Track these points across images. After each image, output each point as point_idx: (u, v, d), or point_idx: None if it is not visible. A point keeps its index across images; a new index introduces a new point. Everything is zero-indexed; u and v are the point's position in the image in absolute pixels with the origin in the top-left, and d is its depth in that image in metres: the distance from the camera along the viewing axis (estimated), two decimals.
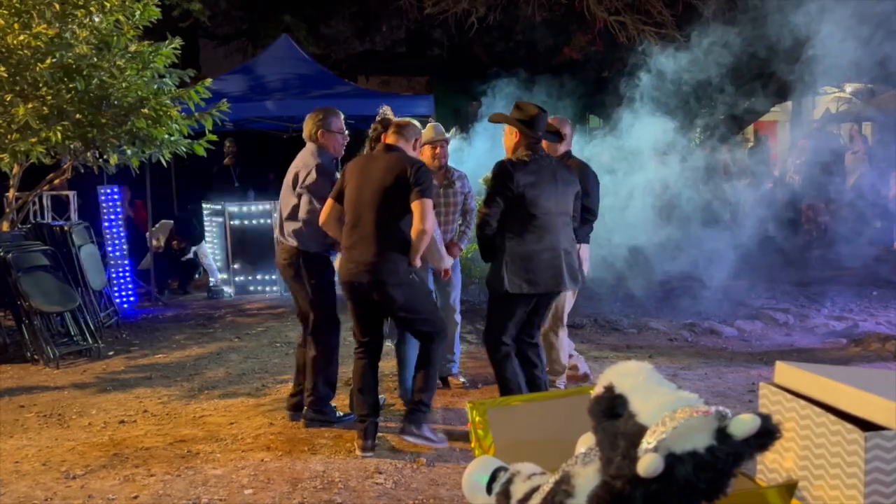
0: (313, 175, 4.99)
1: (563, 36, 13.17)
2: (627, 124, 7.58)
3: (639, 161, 7.57)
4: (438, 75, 16.34)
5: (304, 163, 5.11)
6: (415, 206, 4.42)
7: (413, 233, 4.45)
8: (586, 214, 5.38)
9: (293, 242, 5.05)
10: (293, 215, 5.04)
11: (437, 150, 5.79)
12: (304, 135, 5.22)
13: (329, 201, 4.73)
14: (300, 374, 5.27)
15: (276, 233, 5.28)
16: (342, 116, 5.30)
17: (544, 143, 4.86)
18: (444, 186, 5.74)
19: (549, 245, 4.64)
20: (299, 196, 5.03)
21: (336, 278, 5.14)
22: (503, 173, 4.58)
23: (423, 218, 4.42)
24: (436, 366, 4.68)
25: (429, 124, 5.92)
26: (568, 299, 5.69)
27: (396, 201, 4.46)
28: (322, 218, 4.74)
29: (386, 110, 5.13)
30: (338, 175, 5.12)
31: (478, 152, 8.28)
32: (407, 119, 4.85)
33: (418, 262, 4.56)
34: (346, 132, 5.31)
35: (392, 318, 4.82)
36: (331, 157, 5.18)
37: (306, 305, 5.14)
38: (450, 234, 5.80)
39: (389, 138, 4.70)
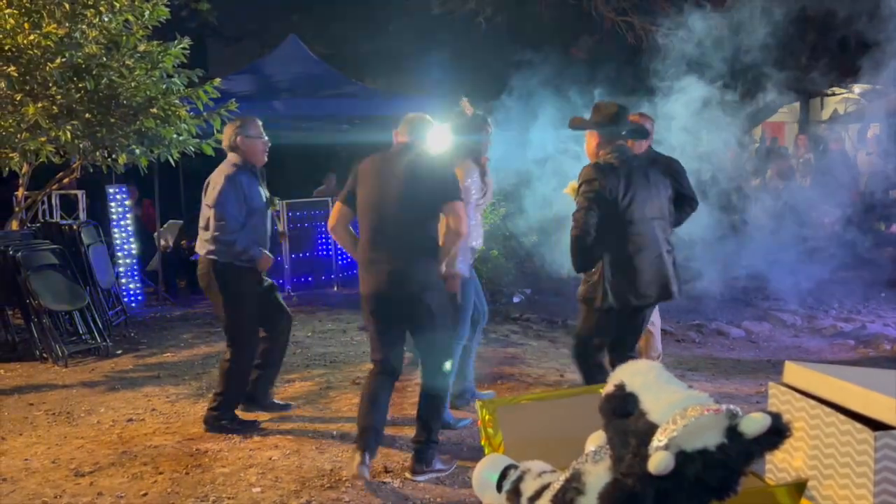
0: (217, 188, 4.88)
1: (570, 36, 13.18)
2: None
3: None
4: (446, 75, 16.34)
5: (216, 174, 5.02)
6: (447, 208, 4.16)
7: (449, 235, 4.20)
8: (690, 203, 5.24)
9: (206, 254, 4.96)
10: (206, 226, 4.95)
11: None
12: (224, 145, 5.14)
13: (337, 205, 4.39)
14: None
15: (196, 244, 5.21)
16: (260, 123, 5.19)
17: (629, 142, 4.53)
18: None
19: (651, 252, 4.32)
20: (209, 206, 4.93)
21: (256, 289, 5.06)
22: (593, 179, 4.25)
23: (460, 221, 4.16)
24: (444, 400, 4.44)
25: None
26: None
27: (424, 205, 4.17)
28: (331, 222, 4.42)
29: (465, 104, 5.14)
30: (257, 186, 5.03)
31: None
32: (418, 114, 4.54)
33: (444, 269, 4.40)
34: (266, 139, 5.17)
35: (416, 333, 4.36)
36: (249, 166, 5.07)
37: (222, 316, 5.08)
38: None
39: (402, 136, 4.41)
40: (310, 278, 10.41)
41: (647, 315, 4.60)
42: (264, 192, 5.18)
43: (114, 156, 7.97)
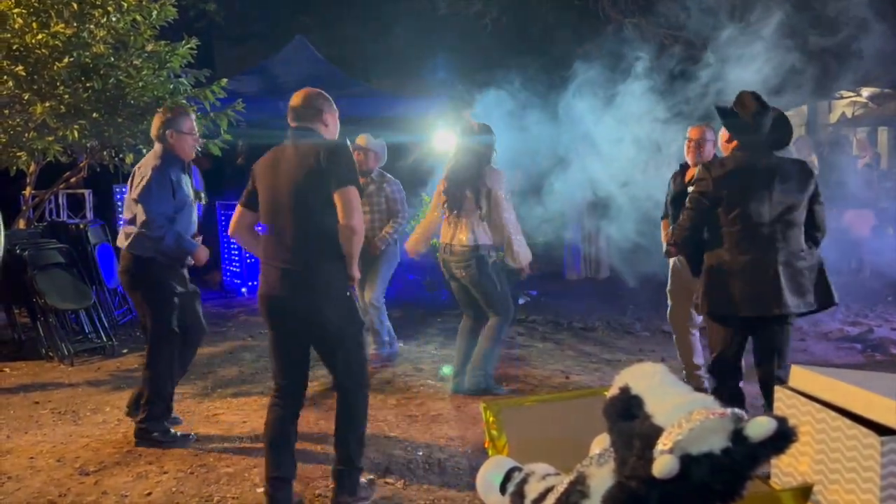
0: (145, 179, 4.70)
1: (577, 37, 13.17)
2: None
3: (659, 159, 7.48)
4: (452, 76, 16.36)
5: (142, 166, 4.85)
6: (336, 197, 3.61)
7: (342, 230, 3.65)
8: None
9: (128, 248, 4.80)
10: (132, 220, 4.78)
11: (360, 157, 6.31)
12: (153, 134, 4.92)
13: (238, 208, 4.00)
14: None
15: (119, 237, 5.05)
16: (193, 117, 5.05)
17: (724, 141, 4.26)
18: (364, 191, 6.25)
19: (758, 259, 4.02)
20: (136, 201, 4.74)
21: (177, 290, 4.86)
22: (701, 178, 4.12)
23: (349, 212, 3.59)
24: (363, 420, 3.90)
25: (361, 134, 6.50)
26: None
27: (316, 195, 3.65)
28: (231, 228, 4.04)
29: (468, 117, 5.17)
30: (185, 180, 4.88)
31: None
32: (310, 89, 4.03)
33: (357, 273, 3.78)
34: (197, 134, 5.02)
35: (316, 347, 3.87)
36: (178, 160, 4.88)
37: (142, 314, 4.91)
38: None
39: (291, 119, 3.92)
40: None
41: (780, 327, 4.20)
42: (191, 186, 5.01)
43: (121, 155, 7.99)
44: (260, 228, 4.01)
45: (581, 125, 7.48)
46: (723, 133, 4.34)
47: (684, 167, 5.58)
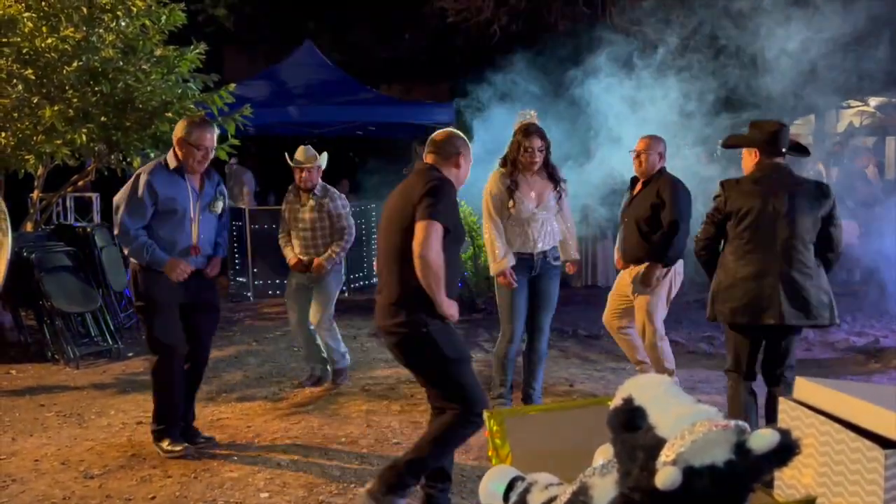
0: (134, 177, 4.66)
1: (584, 45, 13.18)
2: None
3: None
4: (461, 83, 16.39)
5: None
6: (417, 227, 3.56)
7: (415, 263, 3.56)
8: (670, 229, 5.29)
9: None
10: None
11: (303, 175, 5.99)
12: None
13: None
14: None
15: None
16: (214, 133, 4.78)
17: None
18: (307, 207, 6.02)
19: (760, 271, 4.20)
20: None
21: (172, 301, 4.66)
22: (717, 194, 4.37)
23: (421, 242, 3.52)
24: (451, 444, 3.81)
25: (300, 147, 6.09)
26: (660, 304, 5.56)
27: (406, 231, 3.61)
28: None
29: (531, 115, 5.16)
30: (179, 189, 4.66)
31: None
32: (448, 130, 3.97)
33: (446, 308, 3.63)
34: (208, 151, 4.69)
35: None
36: (176, 167, 4.66)
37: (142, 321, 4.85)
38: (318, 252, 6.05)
39: (426, 157, 3.87)
40: None
41: (785, 337, 4.34)
42: (194, 198, 4.73)
43: (128, 159, 8.02)
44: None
45: (586, 131, 7.48)
46: (746, 158, 4.42)
47: (634, 180, 5.61)
